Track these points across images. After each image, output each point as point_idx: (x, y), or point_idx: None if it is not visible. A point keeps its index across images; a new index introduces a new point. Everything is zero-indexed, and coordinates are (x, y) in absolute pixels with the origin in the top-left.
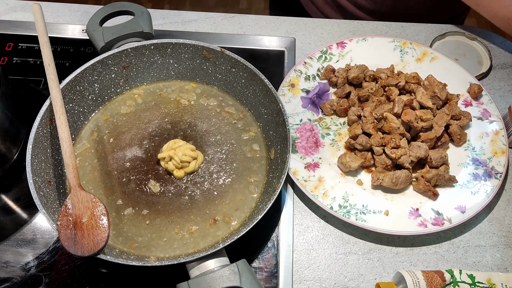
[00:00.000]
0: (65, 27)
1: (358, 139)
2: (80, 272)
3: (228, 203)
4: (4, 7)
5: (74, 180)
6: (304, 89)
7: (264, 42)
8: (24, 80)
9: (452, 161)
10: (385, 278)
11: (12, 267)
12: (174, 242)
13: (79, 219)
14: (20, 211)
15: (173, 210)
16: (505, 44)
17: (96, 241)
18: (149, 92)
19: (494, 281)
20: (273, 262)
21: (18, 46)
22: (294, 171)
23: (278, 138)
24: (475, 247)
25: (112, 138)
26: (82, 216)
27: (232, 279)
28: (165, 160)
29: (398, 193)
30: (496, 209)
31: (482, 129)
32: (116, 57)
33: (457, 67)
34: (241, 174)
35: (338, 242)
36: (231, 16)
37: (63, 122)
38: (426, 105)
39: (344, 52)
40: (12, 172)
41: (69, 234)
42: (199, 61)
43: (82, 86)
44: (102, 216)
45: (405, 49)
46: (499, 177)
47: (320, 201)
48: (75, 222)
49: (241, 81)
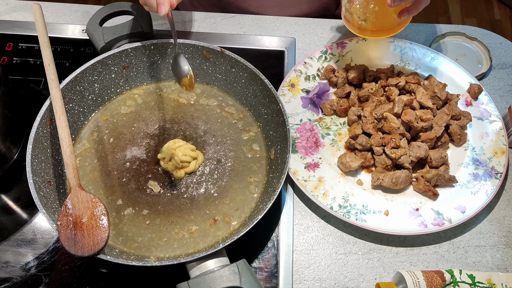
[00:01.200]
0: (65, 27)
1: (358, 139)
2: (80, 272)
3: (228, 203)
4: (4, 7)
5: (74, 180)
6: (304, 89)
7: (264, 42)
8: (24, 80)
9: (452, 161)
10: (385, 278)
11: (12, 267)
12: (174, 242)
13: (79, 219)
14: (20, 211)
15: (173, 210)
16: (505, 44)
17: (96, 241)
18: (149, 92)
19: (494, 281)
20: (273, 262)
21: (18, 46)
22: (294, 171)
23: (278, 138)
24: (475, 247)
25: (112, 138)
26: (82, 216)
27: (232, 279)
28: (165, 160)
29: (398, 193)
30: (496, 209)
31: (482, 129)
32: (116, 57)
33: (457, 67)
34: (241, 174)
35: (338, 242)
36: (231, 16)
37: (63, 122)
38: (426, 105)
39: (344, 52)
40: (12, 172)
41: (69, 234)
42: (199, 61)
43: (82, 86)
44: (102, 216)
45: (405, 49)
46: (499, 177)
47: (320, 201)
48: (75, 222)
49: (241, 81)
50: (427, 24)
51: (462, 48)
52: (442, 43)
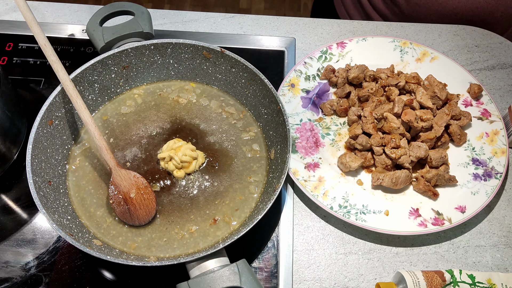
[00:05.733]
0: (65, 27)
1: (358, 139)
2: (80, 272)
3: (228, 203)
4: (4, 7)
5: (112, 161)
6: (304, 89)
7: (264, 42)
8: (24, 80)
9: (452, 161)
10: (385, 278)
11: (12, 267)
12: (174, 242)
13: (127, 195)
14: (20, 211)
15: (173, 210)
16: (505, 44)
17: (148, 211)
18: (149, 92)
19: (494, 281)
20: (273, 262)
21: (18, 46)
22: (294, 171)
23: (278, 138)
24: (475, 247)
25: (112, 138)
26: (129, 192)
27: (232, 279)
28: (165, 160)
29: (398, 193)
30: (496, 209)
31: (482, 129)
32: (116, 57)
33: (457, 67)
34: (241, 174)
35: (338, 242)
36: (231, 16)
37: (82, 105)
38: (426, 105)
39: (344, 52)
40: (12, 172)
41: (123, 209)
42: (199, 61)
43: (82, 86)
44: (146, 189)
45: (405, 49)
46: (499, 177)
47: (320, 201)
48: (125, 199)
49: (241, 81)
50: (427, 24)
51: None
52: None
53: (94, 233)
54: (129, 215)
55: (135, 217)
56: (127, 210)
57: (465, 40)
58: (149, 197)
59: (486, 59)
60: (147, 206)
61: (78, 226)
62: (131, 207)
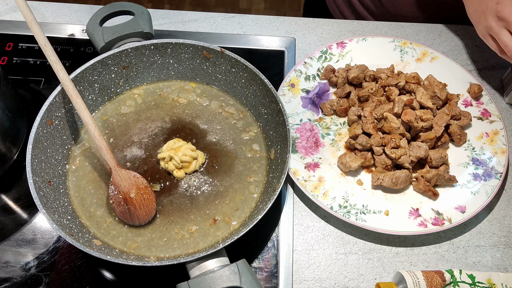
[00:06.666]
0: (65, 27)
1: (358, 139)
2: (80, 272)
3: (228, 203)
4: (4, 7)
5: (111, 161)
6: (304, 89)
7: (264, 42)
8: (24, 80)
9: (452, 161)
10: (385, 278)
11: (12, 267)
12: (174, 242)
13: (127, 195)
14: (20, 211)
15: (173, 210)
16: None
17: (148, 211)
18: (149, 92)
19: (494, 281)
20: (273, 262)
21: (18, 46)
22: (294, 171)
23: (278, 138)
24: (475, 247)
25: (112, 138)
26: (129, 192)
27: (232, 279)
28: (165, 160)
29: (398, 193)
30: (496, 209)
31: (482, 129)
32: (116, 57)
33: (457, 67)
34: (241, 174)
35: (338, 242)
36: (231, 16)
37: (82, 105)
38: (426, 105)
39: (344, 52)
40: (12, 172)
41: (123, 209)
42: (199, 61)
43: (82, 86)
44: (146, 189)
45: (405, 49)
46: (499, 177)
47: (320, 201)
48: (125, 199)
49: (241, 81)
50: (427, 24)
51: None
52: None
53: (94, 233)
54: (129, 215)
55: (135, 217)
56: (127, 210)
57: (465, 40)
58: (149, 197)
59: (486, 59)
60: (147, 206)
61: (78, 226)
62: (131, 207)
